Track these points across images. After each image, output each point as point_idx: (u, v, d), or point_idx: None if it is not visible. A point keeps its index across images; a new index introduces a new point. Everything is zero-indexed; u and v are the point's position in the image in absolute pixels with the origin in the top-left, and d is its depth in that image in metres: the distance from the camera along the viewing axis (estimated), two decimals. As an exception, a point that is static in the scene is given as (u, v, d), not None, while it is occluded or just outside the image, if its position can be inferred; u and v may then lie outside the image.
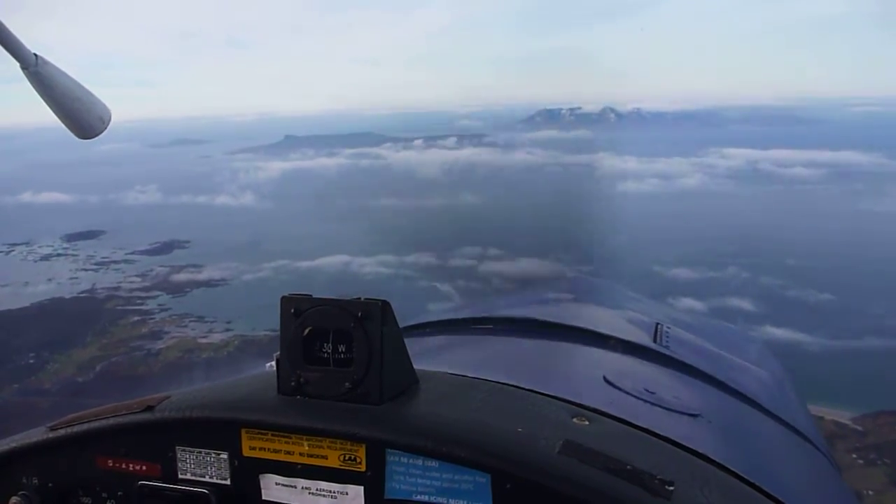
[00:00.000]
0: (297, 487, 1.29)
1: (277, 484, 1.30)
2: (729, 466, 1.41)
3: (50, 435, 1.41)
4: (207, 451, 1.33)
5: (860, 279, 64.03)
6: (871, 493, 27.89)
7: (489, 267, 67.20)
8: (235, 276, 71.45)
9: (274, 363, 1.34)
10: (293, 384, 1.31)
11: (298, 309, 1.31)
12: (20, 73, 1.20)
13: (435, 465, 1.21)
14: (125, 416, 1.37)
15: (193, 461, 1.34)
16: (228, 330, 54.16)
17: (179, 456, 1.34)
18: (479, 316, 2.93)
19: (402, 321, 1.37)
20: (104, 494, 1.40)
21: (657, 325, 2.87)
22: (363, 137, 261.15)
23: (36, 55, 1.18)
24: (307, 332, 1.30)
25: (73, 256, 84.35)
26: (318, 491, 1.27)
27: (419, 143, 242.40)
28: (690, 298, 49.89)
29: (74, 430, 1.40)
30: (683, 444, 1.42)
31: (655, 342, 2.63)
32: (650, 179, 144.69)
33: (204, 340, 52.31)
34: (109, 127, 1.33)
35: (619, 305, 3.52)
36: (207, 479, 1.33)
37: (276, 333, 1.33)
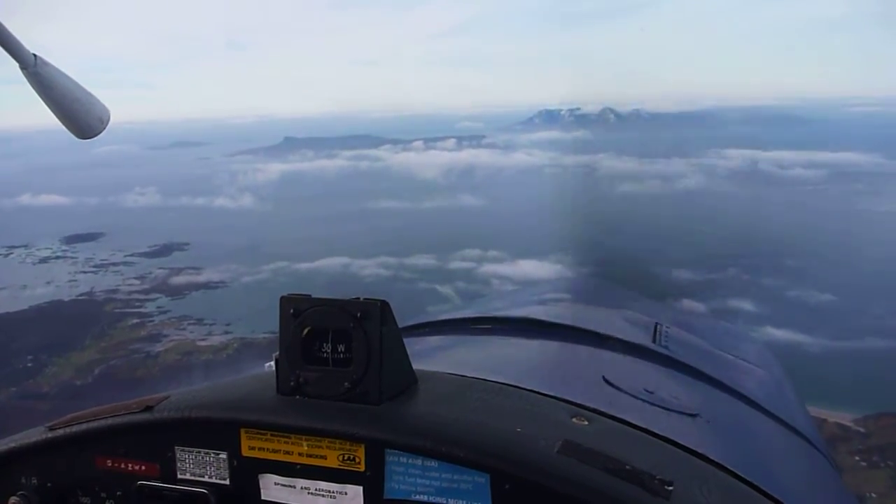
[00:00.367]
0: (296, 487, 1.28)
1: (277, 484, 1.30)
2: (728, 466, 1.42)
3: (49, 435, 1.41)
4: (206, 451, 1.33)
5: (861, 279, 63.91)
6: (873, 495, 27.66)
7: (489, 269, 67.16)
8: (234, 278, 71.50)
9: (273, 363, 1.34)
10: (292, 384, 1.30)
11: (298, 309, 1.30)
12: (19, 74, 1.20)
13: (434, 465, 1.21)
14: (124, 416, 1.37)
15: (192, 461, 1.34)
16: (228, 332, 54.15)
17: (178, 456, 1.34)
18: (478, 316, 2.92)
19: (401, 323, 1.37)
20: (103, 494, 1.40)
21: (656, 324, 2.87)
22: (362, 139, 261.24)
23: (35, 55, 1.18)
24: (306, 332, 1.30)
25: (71, 259, 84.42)
26: (317, 491, 1.27)
27: (418, 144, 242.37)
28: (691, 300, 49.70)
29: (73, 429, 1.39)
30: (682, 443, 1.43)
31: (654, 342, 2.63)
32: (650, 180, 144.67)
33: (203, 343, 52.26)
34: (108, 128, 1.33)
35: (618, 305, 3.53)
36: (206, 479, 1.33)
37: (275, 336, 1.33)
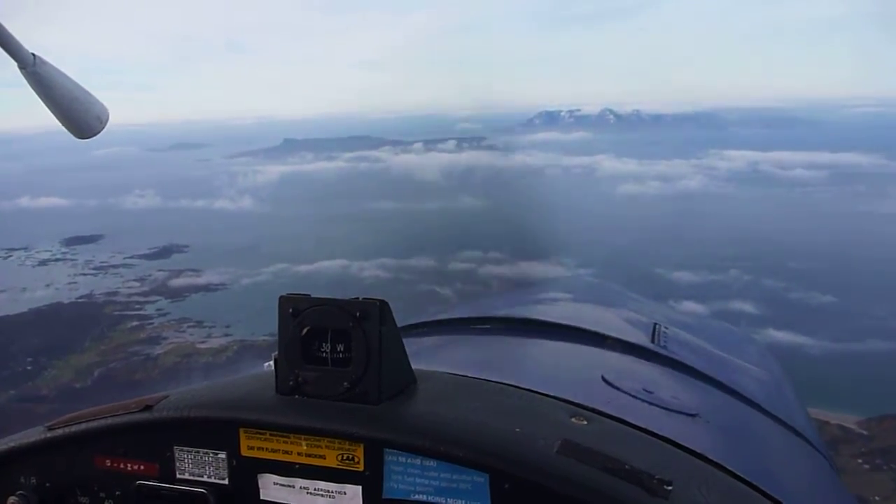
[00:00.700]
0: (295, 487, 1.29)
1: (276, 484, 1.30)
2: (727, 466, 1.42)
3: (48, 434, 1.40)
4: (206, 450, 1.33)
5: (862, 281, 63.80)
6: (877, 499, 27.44)
7: (489, 270, 66.98)
8: (234, 280, 71.38)
9: (272, 363, 1.34)
10: (291, 384, 1.30)
11: (297, 309, 1.30)
12: (18, 76, 1.20)
13: (433, 464, 1.21)
14: (123, 415, 1.37)
15: (191, 461, 1.34)
16: (227, 335, 54.03)
17: (177, 455, 1.34)
18: (477, 316, 2.91)
19: (400, 324, 1.37)
20: (102, 494, 1.40)
21: (655, 325, 2.86)
22: (362, 141, 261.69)
23: (34, 55, 1.18)
24: (305, 331, 1.30)
25: (71, 261, 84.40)
26: (316, 491, 1.27)
27: (418, 146, 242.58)
28: (692, 302, 49.61)
29: (72, 429, 1.39)
30: (681, 443, 1.42)
31: (653, 342, 2.62)
32: (650, 182, 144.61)
33: (202, 345, 52.16)
34: (108, 130, 1.32)
35: (617, 305, 3.53)
36: (205, 478, 1.33)
37: (275, 338, 1.33)
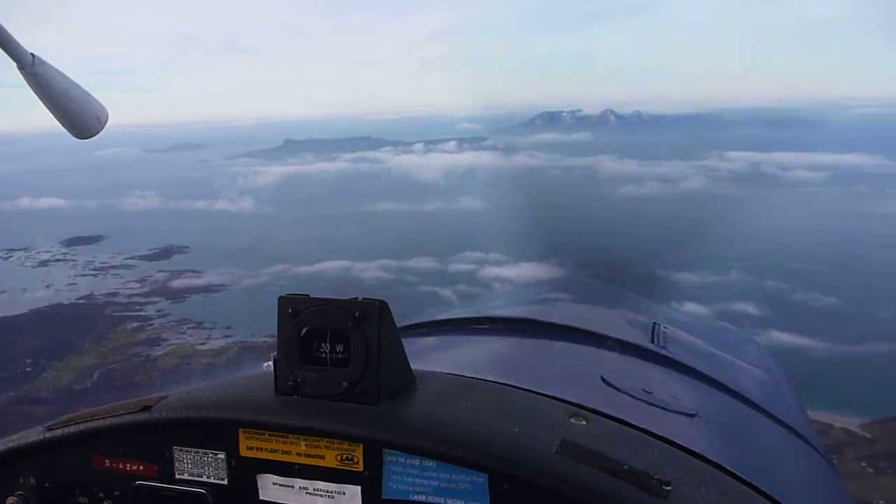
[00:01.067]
0: (294, 487, 1.29)
1: (275, 484, 1.30)
2: (726, 466, 1.42)
3: (47, 435, 1.41)
4: (205, 451, 1.33)
5: (865, 282, 63.55)
6: (881, 502, 27.21)
7: (490, 272, 66.70)
8: (235, 281, 71.21)
9: (271, 363, 1.34)
10: (290, 384, 1.30)
11: (296, 309, 1.31)
12: (19, 77, 1.20)
13: (432, 464, 1.21)
14: (122, 416, 1.37)
15: (191, 461, 1.34)
16: (227, 336, 53.90)
17: (177, 456, 1.35)
18: (476, 316, 2.90)
19: (401, 325, 1.38)
20: (101, 494, 1.40)
21: (654, 325, 2.85)
22: (363, 141, 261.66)
23: (33, 55, 1.19)
24: (304, 331, 1.30)
25: (71, 262, 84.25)
26: (315, 491, 1.27)
27: (419, 146, 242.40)
28: (694, 303, 49.36)
29: (71, 430, 1.40)
30: (680, 443, 1.43)
31: (653, 342, 2.61)
32: (652, 182, 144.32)
33: (203, 347, 52.04)
34: (108, 130, 1.32)
35: (616, 305, 3.53)
36: (205, 479, 1.33)
37: (276, 339, 1.33)
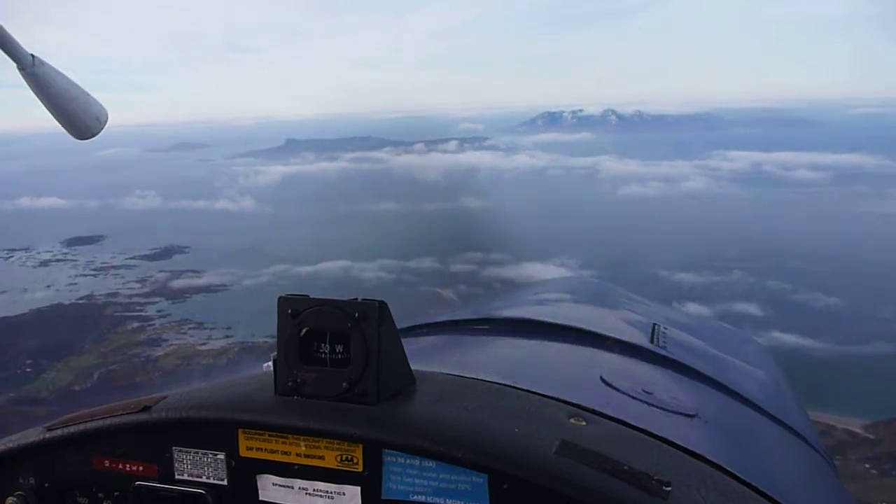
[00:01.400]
0: (294, 488, 1.29)
1: (274, 484, 1.30)
2: (726, 467, 1.42)
3: (46, 435, 1.40)
4: (204, 451, 1.33)
5: (867, 282, 63.41)
6: (884, 504, 27.04)
7: (491, 272, 66.49)
8: (235, 281, 71.10)
9: (271, 363, 1.34)
10: (290, 384, 1.30)
11: (296, 309, 1.30)
12: (18, 78, 1.20)
13: (432, 465, 1.21)
14: (122, 416, 1.37)
15: (190, 462, 1.34)
16: (228, 336, 53.78)
17: (176, 456, 1.34)
18: (476, 316, 2.88)
19: (401, 326, 1.36)
20: (100, 495, 1.40)
21: (654, 325, 2.84)
22: (364, 141, 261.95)
23: (33, 56, 1.19)
24: (304, 332, 1.30)
25: (72, 262, 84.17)
26: (315, 491, 1.27)
27: (420, 146, 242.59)
28: (696, 303, 49.32)
29: (71, 430, 1.39)
30: (680, 444, 1.42)
31: (652, 342, 2.59)
32: (653, 182, 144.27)
33: (203, 347, 51.93)
34: (108, 130, 1.33)
35: (616, 306, 3.52)
36: (204, 479, 1.33)
37: (275, 339, 1.33)
